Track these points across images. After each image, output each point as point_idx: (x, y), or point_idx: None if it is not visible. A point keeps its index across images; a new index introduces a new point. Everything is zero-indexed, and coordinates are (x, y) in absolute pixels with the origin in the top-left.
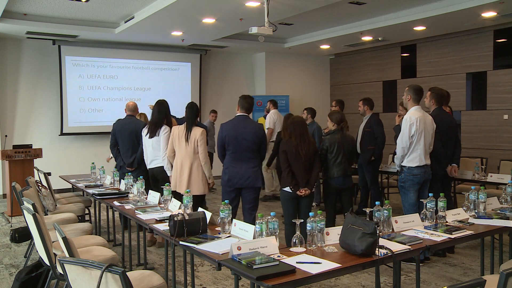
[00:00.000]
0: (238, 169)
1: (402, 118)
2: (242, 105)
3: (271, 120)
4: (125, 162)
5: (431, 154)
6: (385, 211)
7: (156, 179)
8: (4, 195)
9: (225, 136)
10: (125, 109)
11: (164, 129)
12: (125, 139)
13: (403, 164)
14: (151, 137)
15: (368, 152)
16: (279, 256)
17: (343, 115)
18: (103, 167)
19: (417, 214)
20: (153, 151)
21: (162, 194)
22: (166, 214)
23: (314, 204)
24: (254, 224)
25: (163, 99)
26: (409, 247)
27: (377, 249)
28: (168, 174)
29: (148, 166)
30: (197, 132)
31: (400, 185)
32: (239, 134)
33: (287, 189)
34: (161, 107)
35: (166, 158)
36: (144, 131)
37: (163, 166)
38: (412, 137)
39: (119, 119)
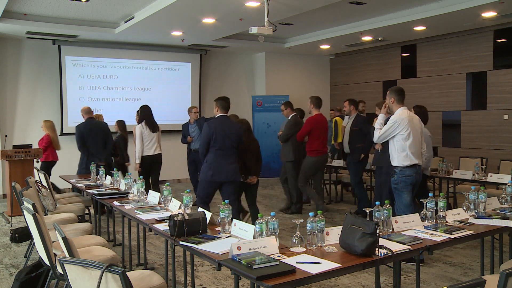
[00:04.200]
0: (222, 165)
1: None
2: (223, 106)
3: None
4: (99, 159)
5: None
6: (385, 211)
7: (153, 163)
8: (4, 195)
9: (212, 133)
10: (82, 113)
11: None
12: (96, 139)
13: (395, 165)
14: (155, 131)
15: (358, 150)
16: (279, 256)
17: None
18: (103, 167)
19: (417, 214)
20: (156, 142)
21: (162, 194)
22: (166, 214)
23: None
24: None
25: (146, 104)
26: (409, 247)
27: (377, 249)
28: None
29: (151, 153)
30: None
31: (394, 187)
32: (225, 133)
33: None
34: (150, 111)
35: None
36: (145, 127)
37: (161, 153)
38: (394, 137)
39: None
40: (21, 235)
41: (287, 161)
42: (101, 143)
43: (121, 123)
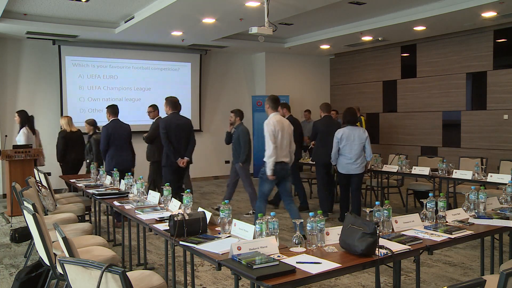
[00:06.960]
0: (123, 156)
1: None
2: (113, 111)
3: None
4: None
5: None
6: (385, 211)
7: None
8: (4, 195)
9: (111, 134)
10: None
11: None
12: None
13: (265, 160)
14: (34, 134)
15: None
16: (279, 256)
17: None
18: (102, 167)
19: (417, 214)
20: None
21: (162, 194)
22: (166, 214)
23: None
24: None
25: (23, 109)
26: (409, 247)
27: (377, 249)
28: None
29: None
30: None
31: (260, 176)
32: (120, 132)
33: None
34: (27, 115)
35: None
36: (29, 130)
37: None
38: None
39: None
40: (21, 235)
41: (152, 162)
42: None
43: None
